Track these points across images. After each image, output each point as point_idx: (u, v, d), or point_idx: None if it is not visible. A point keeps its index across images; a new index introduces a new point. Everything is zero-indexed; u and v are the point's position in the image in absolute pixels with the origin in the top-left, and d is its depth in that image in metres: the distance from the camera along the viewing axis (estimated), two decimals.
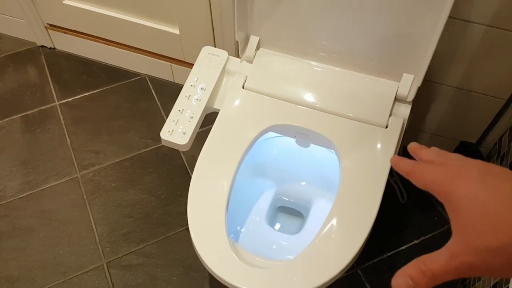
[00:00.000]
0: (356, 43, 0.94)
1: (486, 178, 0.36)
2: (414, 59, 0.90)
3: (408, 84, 0.93)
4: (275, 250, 1.00)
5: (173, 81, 1.59)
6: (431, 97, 1.22)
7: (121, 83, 1.60)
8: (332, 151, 0.96)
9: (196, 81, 0.99)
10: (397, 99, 0.94)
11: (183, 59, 1.50)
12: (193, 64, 1.02)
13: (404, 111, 0.94)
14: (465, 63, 1.10)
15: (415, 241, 1.25)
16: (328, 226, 0.83)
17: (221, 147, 0.93)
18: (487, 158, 1.28)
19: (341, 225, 0.83)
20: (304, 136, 0.96)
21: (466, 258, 0.34)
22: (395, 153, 0.89)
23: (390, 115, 0.92)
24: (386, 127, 0.92)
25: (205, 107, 0.97)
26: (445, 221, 1.28)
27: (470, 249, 0.34)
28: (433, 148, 0.43)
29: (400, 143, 0.91)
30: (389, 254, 1.23)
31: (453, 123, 1.27)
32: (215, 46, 1.35)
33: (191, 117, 0.95)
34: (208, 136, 0.95)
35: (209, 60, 1.02)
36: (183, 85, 0.99)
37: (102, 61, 1.66)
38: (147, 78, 1.61)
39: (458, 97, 1.19)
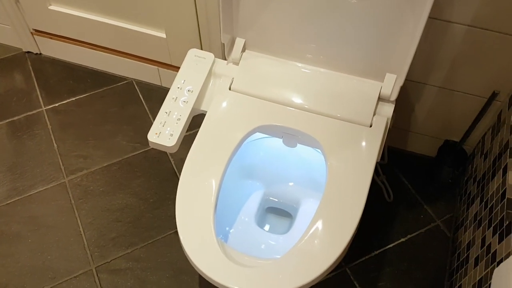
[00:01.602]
0: (341, 45, 0.95)
1: None
2: (396, 59, 0.92)
3: (391, 83, 0.95)
4: (264, 250, 1.01)
5: (160, 85, 1.60)
6: (415, 97, 1.24)
7: (108, 87, 1.60)
8: (319, 151, 0.97)
9: (183, 83, 1.00)
10: (380, 99, 0.96)
11: (170, 63, 1.50)
12: (180, 68, 1.03)
13: (388, 110, 0.95)
14: (447, 62, 1.12)
15: (402, 239, 1.26)
16: (314, 225, 0.84)
17: (209, 148, 0.94)
18: (471, 156, 1.31)
19: (327, 223, 0.84)
20: (290, 136, 0.97)
21: None
22: (379, 152, 0.91)
23: (374, 114, 0.94)
24: (371, 126, 0.93)
25: (192, 109, 0.98)
26: (431, 219, 1.30)
27: None
28: None
29: (384, 142, 0.93)
30: (376, 252, 1.24)
31: (436, 122, 1.29)
32: (201, 49, 1.36)
33: (178, 119, 0.96)
34: (196, 138, 0.95)
35: (196, 63, 1.02)
36: (170, 88, 1.00)
37: (88, 66, 1.65)
38: (134, 82, 1.61)
39: (441, 96, 1.21)
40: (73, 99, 1.58)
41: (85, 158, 1.43)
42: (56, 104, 1.56)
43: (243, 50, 1.03)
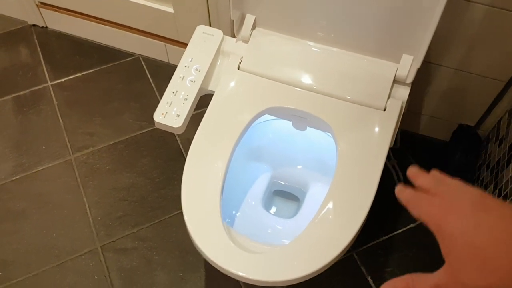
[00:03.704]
0: (355, 23, 0.91)
1: (478, 214, 0.35)
2: (413, 39, 0.88)
3: (408, 65, 0.91)
4: (270, 234, 0.99)
5: (167, 61, 1.56)
6: (430, 78, 1.20)
7: (115, 63, 1.57)
8: (329, 134, 0.94)
9: (190, 61, 0.97)
10: (396, 81, 0.92)
11: (177, 39, 1.47)
12: (187, 44, 0.99)
13: (403, 93, 0.92)
14: (464, 44, 1.08)
15: (411, 225, 1.24)
16: (324, 210, 0.82)
17: (216, 130, 0.91)
18: (485, 141, 1.27)
19: (337, 209, 0.82)
20: (300, 119, 0.94)
21: None
22: (392, 137, 0.88)
23: (388, 97, 0.90)
24: (384, 109, 0.90)
25: (200, 88, 0.95)
26: None
27: (458, 284, 0.35)
28: (432, 173, 0.43)
29: (398, 126, 0.90)
30: (385, 237, 1.22)
31: (451, 105, 1.25)
32: (210, 25, 1.32)
33: (185, 99, 0.93)
34: (203, 119, 0.93)
35: (204, 40, 0.99)
36: (177, 65, 0.96)
37: (95, 40, 1.62)
38: (141, 58, 1.58)
39: (457, 79, 1.17)
40: (79, 74, 1.55)
41: (92, 135, 1.42)
42: (62, 80, 1.54)
43: (253, 27, 0.99)
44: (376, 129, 0.88)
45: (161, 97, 0.94)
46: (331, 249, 0.78)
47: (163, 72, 1.55)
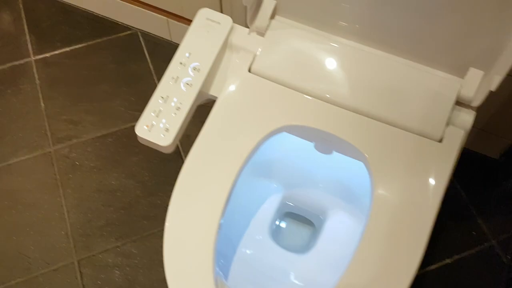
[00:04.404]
0: (407, 15, 0.67)
1: None
2: (489, 48, 0.65)
3: (475, 82, 0.68)
4: (278, 279, 0.80)
5: (169, 39, 1.34)
6: None
7: (109, 37, 1.35)
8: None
9: (188, 57, 0.74)
10: (458, 102, 0.69)
11: (181, 15, 1.24)
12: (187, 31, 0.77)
13: (467, 119, 0.69)
14: None
15: (447, 260, 1.04)
16: (350, 275, 0.62)
17: (216, 151, 0.70)
18: None
19: (368, 277, 0.62)
20: (326, 143, 0.73)
21: None
22: (449, 178, 0.66)
23: (447, 124, 0.68)
24: (440, 140, 0.68)
25: (198, 93, 0.73)
26: (485, 238, 1.06)
27: None
28: None
29: (455, 164, 0.68)
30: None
31: (509, 120, 1.02)
32: (221, 5, 1.09)
33: (178, 108, 0.71)
34: (200, 133, 0.72)
35: (207, 29, 0.76)
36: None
37: (88, 9, 1.39)
38: (139, 33, 1.36)
39: None
40: (67, 49, 1.33)
41: (76, 124, 1.21)
42: (47, 54, 1.32)
43: (272, 16, 0.76)
44: (429, 167, 0.66)
45: (158, 81, 0.74)
46: None
47: (164, 51, 1.32)
